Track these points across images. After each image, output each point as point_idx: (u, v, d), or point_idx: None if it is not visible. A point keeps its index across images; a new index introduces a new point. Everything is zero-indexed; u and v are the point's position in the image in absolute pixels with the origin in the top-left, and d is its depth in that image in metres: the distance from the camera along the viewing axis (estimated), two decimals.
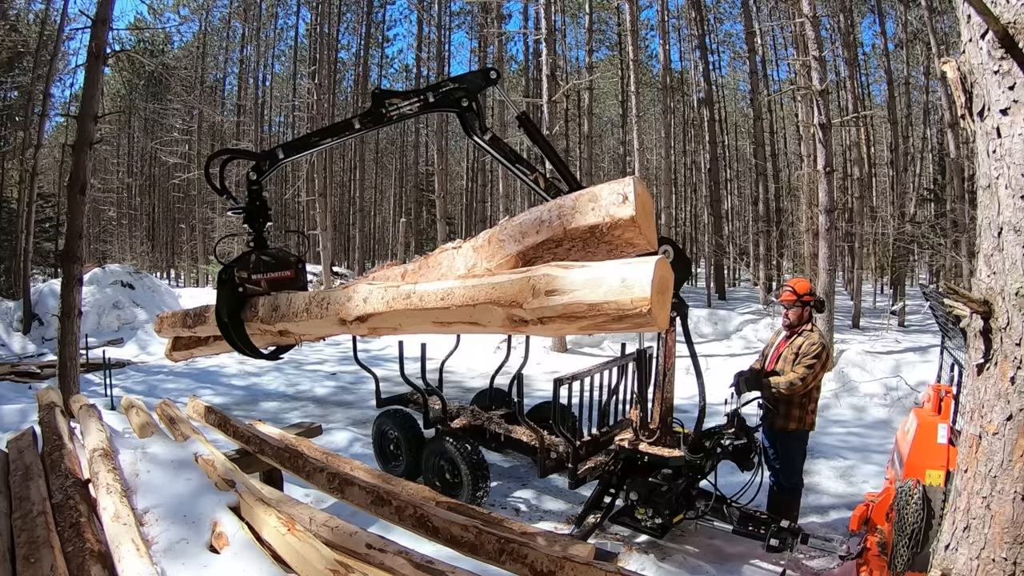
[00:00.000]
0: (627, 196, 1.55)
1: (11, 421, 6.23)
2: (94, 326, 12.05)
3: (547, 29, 11.41)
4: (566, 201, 1.69)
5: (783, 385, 3.81)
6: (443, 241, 17.27)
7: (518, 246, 1.76)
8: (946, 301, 2.05)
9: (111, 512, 2.31)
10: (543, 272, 1.47)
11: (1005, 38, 1.67)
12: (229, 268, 2.80)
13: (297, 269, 3.02)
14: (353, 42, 27.40)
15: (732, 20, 23.28)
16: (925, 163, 19.41)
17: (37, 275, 17.29)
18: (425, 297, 1.73)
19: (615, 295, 1.35)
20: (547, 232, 1.69)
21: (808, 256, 13.35)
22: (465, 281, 1.65)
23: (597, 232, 1.60)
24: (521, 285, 1.49)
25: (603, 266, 1.41)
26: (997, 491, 1.73)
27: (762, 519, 3.72)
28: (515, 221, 1.80)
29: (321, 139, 3.10)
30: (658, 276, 1.33)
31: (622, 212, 1.55)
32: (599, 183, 1.76)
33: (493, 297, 1.55)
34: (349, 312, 2.02)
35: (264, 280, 2.88)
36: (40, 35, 15.35)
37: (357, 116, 3.08)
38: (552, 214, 1.69)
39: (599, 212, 1.59)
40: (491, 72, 3.15)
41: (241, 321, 2.80)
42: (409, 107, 3.08)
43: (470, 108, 3.10)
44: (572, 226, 1.64)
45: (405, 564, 2.28)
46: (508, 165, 3.34)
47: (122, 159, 31.56)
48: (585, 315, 1.40)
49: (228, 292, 2.79)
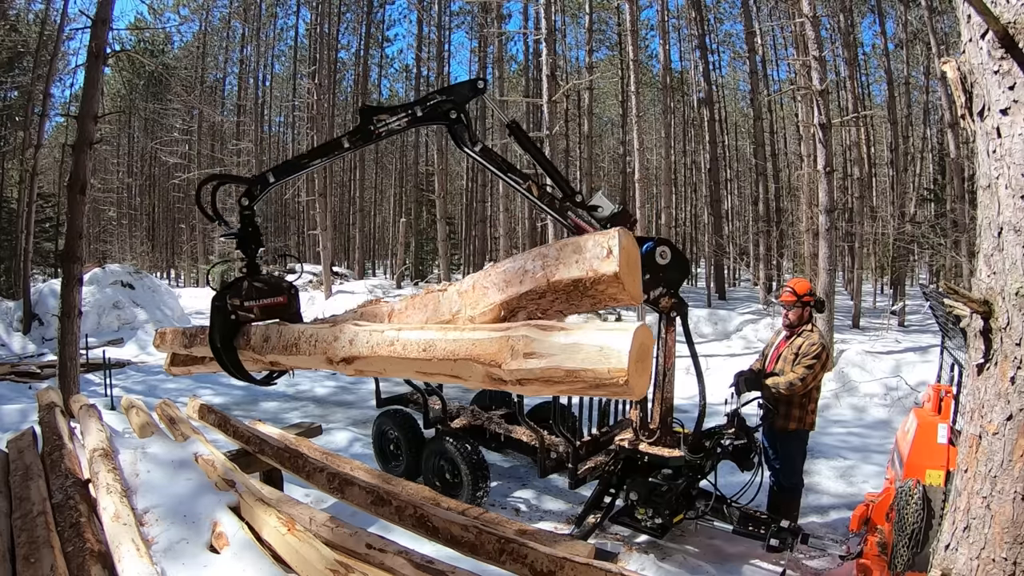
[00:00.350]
0: (611, 250, 1.50)
1: (11, 421, 6.23)
2: (94, 326, 12.05)
3: (547, 29, 11.41)
4: (550, 251, 1.65)
5: (783, 385, 3.81)
6: (443, 241, 17.31)
7: (501, 295, 1.73)
8: (946, 301, 2.05)
9: (111, 512, 2.31)
10: (522, 333, 1.45)
11: (1005, 38, 1.67)
12: (222, 295, 2.82)
13: (290, 295, 3.03)
14: (353, 42, 27.41)
15: (732, 20, 23.30)
16: (925, 163, 19.41)
17: (37, 275, 17.29)
18: (408, 346, 1.72)
19: (593, 363, 1.32)
20: (530, 283, 1.66)
21: (808, 256, 13.35)
22: (447, 333, 1.64)
23: (580, 286, 1.56)
24: (500, 344, 1.48)
25: (583, 331, 1.38)
26: (997, 491, 1.73)
27: (762, 519, 3.72)
28: (499, 268, 1.77)
29: (311, 160, 3.11)
30: (637, 345, 1.31)
31: (605, 267, 1.50)
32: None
33: (473, 354, 1.54)
34: (335, 352, 2.02)
35: (257, 307, 2.89)
36: (40, 35, 15.35)
37: (346, 135, 3.08)
38: (535, 264, 1.65)
39: (582, 265, 1.54)
40: (479, 82, 3.13)
41: (234, 348, 2.83)
42: (397, 122, 3.08)
43: (459, 120, 3.10)
44: (555, 278, 1.60)
45: (405, 564, 2.28)
46: (500, 175, 3.35)
47: (122, 159, 31.56)
48: (563, 380, 1.39)
49: (221, 319, 2.81)
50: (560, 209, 3.43)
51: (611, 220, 3.49)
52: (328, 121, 20.98)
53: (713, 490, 3.87)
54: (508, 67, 25.47)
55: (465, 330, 1.62)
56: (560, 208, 3.43)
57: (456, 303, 1.87)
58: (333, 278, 18.83)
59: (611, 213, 3.49)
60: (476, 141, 3.19)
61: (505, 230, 19.02)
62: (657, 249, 3.50)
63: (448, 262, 17.83)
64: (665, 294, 3.56)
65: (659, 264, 3.51)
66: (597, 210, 3.49)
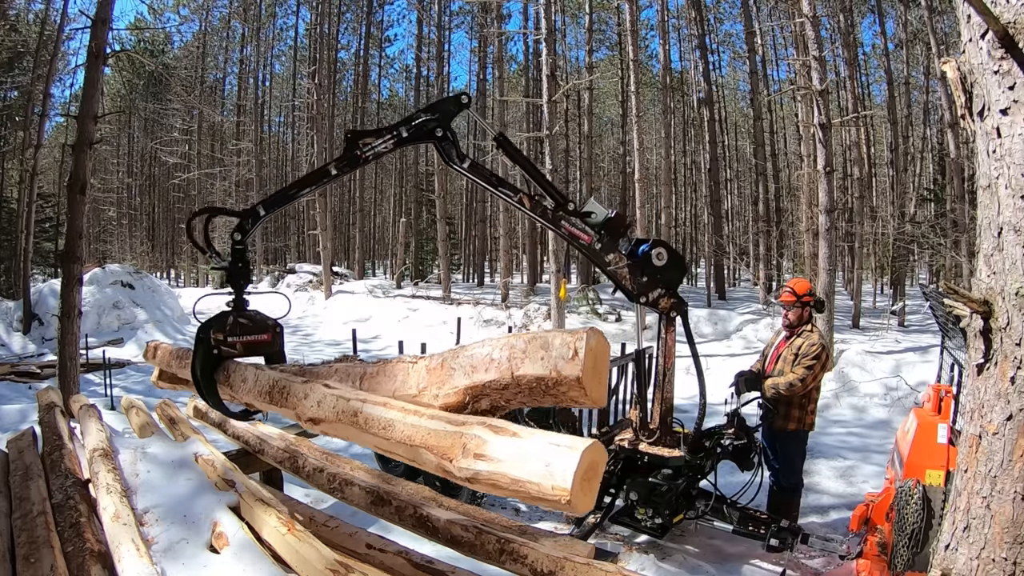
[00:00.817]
0: (577, 351, 1.46)
1: (11, 421, 6.23)
2: (94, 326, 12.05)
3: (547, 29, 11.40)
4: (518, 343, 1.63)
5: (783, 386, 3.81)
6: (443, 241, 17.31)
7: (467, 380, 1.72)
8: (946, 301, 2.05)
9: (111, 512, 2.31)
10: (475, 432, 1.46)
11: (1005, 38, 1.66)
12: (207, 327, 2.82)
13: (274, 333, 3.03)
14: (353, 42, 27.43)
15: (732, 20, 23.32)
16: (925, 163, 19.41)
17: (37, 275, 17.28)
18: (370, 421, 1.74)
19: (537, 477, 1.32)
20: (495, 372, 1.64)
21: (808, 256, 13.35)
22: (406, 416, 1.66)
23: (543, 384, 1.54)
24: (453, 440, 1.49)
25: (534, 441, 1.37)
26: (997, 491, 1.73)
27: (762, 519, 3.72)
28: (468, 352, 1.76)
29: (299, 190, 3.11)
30: (585, 464, 1.29)
31: (569, 370, 1.47)
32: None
33: (427, 443, 1.55)
34: (303, 411, 2.03)
35: (240, 343, 2.89)
36: (40, 35, 15.35)
37: (333, 162, 3.08)
38: (503, 354, 1.63)
39: (547, 363, 1.52)
40: (463, 97, 3.15)
41: (214, 381, 2.83)
42: (383, 145, 3.09)
43: (445, 137, 3.12)
44: (519, 373, 1.58)
45: (405, 564, 2.28)
46: (491, 189, 3.36)
47: (122, 159, 31.56)
48: (508, 487, 1.39)
49: (204, 351, 2.80)
50: (553, 219, 3.45)
51: (605, 225, 3.50)
52: (328, 121, 20.99)
53: (713, 490, 3.87)
54: (508, 67, 25.49)
55: (424, 416, 1.63)
56: (553, 218, 3.45)
57: (424, 379, 1.87)
58: (333, 278, 18.83)
59: (604, 218, 3.50)
60: (464, 157, 3.21)
61: (505, 230, 19.04)
62: (653, 251, 3.52)
63: (448, 262, 17.83)
64: (664, 295, 3.56)
65: (656, 266, 3.51)
66: (590, 216, 3.50)
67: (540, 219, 3.49)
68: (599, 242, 3.51)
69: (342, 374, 2.29)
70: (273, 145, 32.15)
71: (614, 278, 3.58)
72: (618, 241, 3.55)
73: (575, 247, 3.69)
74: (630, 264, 3.53)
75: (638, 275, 3.53)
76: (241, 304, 2.96)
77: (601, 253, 3.53)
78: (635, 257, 3.53)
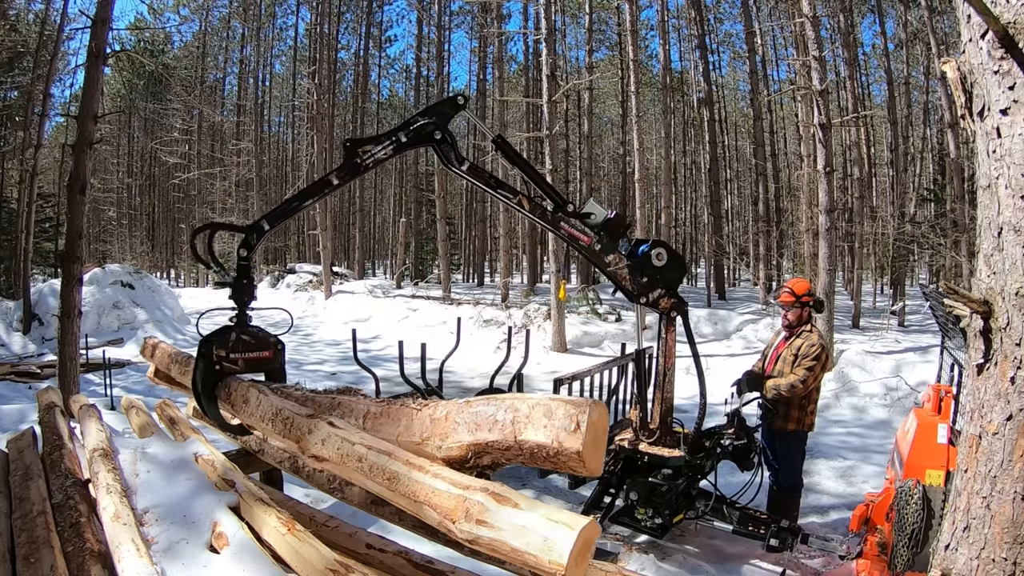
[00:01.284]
0: (579, 425, 1.51)
1: (11, 421, 6.22)
2: (94, 326, 12.04)
3: (547, 29, 11.40)
4: (522, 407, 1.66)
5: (784, 387, 3.81)
6: (443, 241, 17.30)
7: (470, 437, 1.75)
8: (946, 301, 2.05)
9: (111, 512, 2.31)
10: (478, 499, 1.51)
11: (1005, 38, 1.66)
12: (209, 342, 2.85)
13: (276, 350, 3.06)
14: (353, 42, 27.43)
15: (732, 20, 23.33)
16: (925, 163, 19.41)
17: (37, 275, 17.27)
18: (375, 470, 1.77)
19: (535, 549, 1.38)
20: (498, 434, 1.68)
21: (808, 256, 13.35)
22: (411, 471, 1.70)
23: (544, 451, 1.58)
24: (457, 502, 1.55)
25: (534, 514, 1.43)
26: (997, 491, 1.73)
27: (762, 519, 3.72)
28: (472, 409, 1.79)
29: (302, 202, 3.16)
30: (581, 541, 1.35)
31: (570, 443, 1.52)
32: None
33: (431, 502, 1.61)
34: (307, 446, 2.07)
35: (242, 359, 2.93)
36: (40, 35, 15.33)
37: (334, 171, 3.13)
38: (507, 417, 1.67)
39: (549, 432, 1.56)
40: (459, 98, 3.19)
41: (214, 397, 2.86)
42: (383, 151, 3.13)
43: (444, 140, 3.15)
44: (521, 437, 1.62)
45: (405, 564, 2.28)
46: (490, 191, 3.39)
47: (122, 159, 31.56)
48: (507, 556, 1.45)
49: (205, 366, 2.84)
50: (553, 221, 3.46)
51: (604, 226, 3.51)
52: (328, 121, 20.98)
53: (713, 490, 3.87)
54: (508, 67, 25.48)
55: (428, 474, 1.68)
56: (553, 220, 3.46)
57: (427, 429, 1.90)
58: (333, 278, 18.83)
59: (604, 219, 3.51)
60: (463, 159, 3.25)
61: (505, 230, 19.03)
62: (653, 251, 3.52)
63: (448, 262, 17.83)
64: (664, 295, 3.56)
65: (656, 266, 3.52)
66: (590, 217, 3.51)
67: (539, 221, 3.50)
68: (599, 243, 3.51)
69: (345, 409, 2.30)
70: (273, 145, 32.15)
71: (614, 279, 3.58)
72: (618, 242, 3.55)
73: (575, 248, 3.69)
74: (630, 265, 3.53)
75: (638, 275, 3.53)
76: (244, 320, 2.99)
77: (601, 254, 3.53)
78: (635, 258, 3.53)
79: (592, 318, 12.38)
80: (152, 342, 4.10)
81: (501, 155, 3.47)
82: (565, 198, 3.50)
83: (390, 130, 3.19)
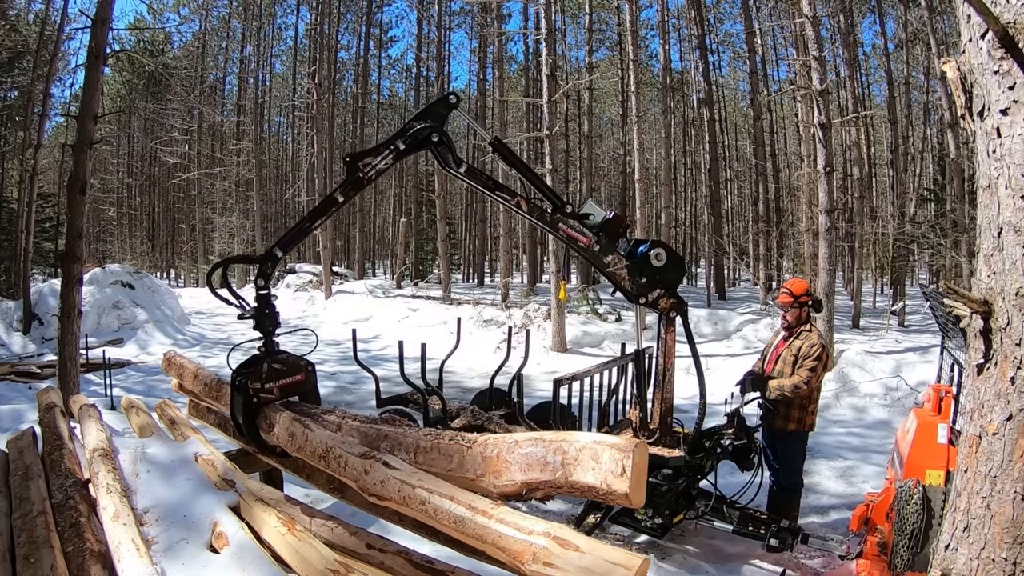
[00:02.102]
0: (625, 469, 1.67)
1: (11, 421, 6.22)
2: (94, 326, 12.04)
3: (547, 29, 11.40)
4: (569, 449, 1.82)
5: (788, 388, 3.81)
6: (443, 241, 17.30)
7: (523, 476, 1.93)
8: (946, 301, 2.04)
9: (111, 512, 2.31)
10: (542, 543, 1.64)
11: (1005, 38, 1.66)
12: (244, 377, 2.97)
13: (307, 372, 3.20)
14: (353, 42, 27.42)
15: (732, 20, 23.32)
16: (925, 163, 19.41)
17: (37, 275, 17.27)
18: (439, 513, 1.91)
19: None
20: (550, 474, 1.86)
21: (808, 256, 13.35)
22: (475, 516, 1.84)
23: (593, 491, 1.76)
24: (523, 547, 1.68)
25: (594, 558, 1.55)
26: (997, 491, 1.73)
27: (762, 519, 3.72)
28: (523, 450, 1.94)
29: (312, 223, 3.24)
30: None
31: (618, 485, 1.69)
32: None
33: (499, 545, 1.75)
34: (366, 485, 2.17)
35: (276, 387, 3.06)
36: (40, 35, 15.33)
37: (338, 189, 3.19)
38: (556, 459, 1.84)
39: (598, 474, 1.73)
40: (451, 97, 3.24)
41: (256, 427, 3.00)
42: (383, 161, 3.19)
43: (441, 142, 3.21)
44: (573, 479, 1.80)
45: (405, 564, 2.28)
46: (488, 193, 3.42)
47: (122, 159, 31.56)
48: None
49: (243, 400, 2.96)
50: (551, 222, 3.47)
51: (603, 227, 3.51)
52: (328, 121, 20.97)
53: (713, 490, 3.87)
54: (508, 67, 25.48)
55: (492, 519, 1.81)
56: (551, 221, 3.47)
57: (480, 467, 2.07)
58: (333, 278, 18.82)
59: (603, 220, 3.51)
60: (460, 162, 3.29)
61: (505, 230, 19.04)
62: (652, 252, 3.52)
63: (448, 262, 17.83)
64: (663, 295, 3.56)
65: (655, 266, 3.51)
66: (588, 218, 3.51)
67: (538, 222, 3.50)
68: (597, 244, 3.51)
69: (393, 442, 2.39)
70: (273, 145, 32.15)
71: (613, 279, 3.58)
72: (616, 242, 3.55)
73: (573, 249, 3.69)
74: (629, 265, 3.53)
75: (637, 276, 3.53)
76: (272, 349, 3.10)
77: (600, 255, 3.53)
78: (634, 258, 3.53)
79: (592, 318, 12.38)
80: (178, 360, 4.17)
81: (498, 157, 3.48)
82: (563, 199, 3.50)
83: (388, 139, 3.24)
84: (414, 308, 14.70)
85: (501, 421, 4.90)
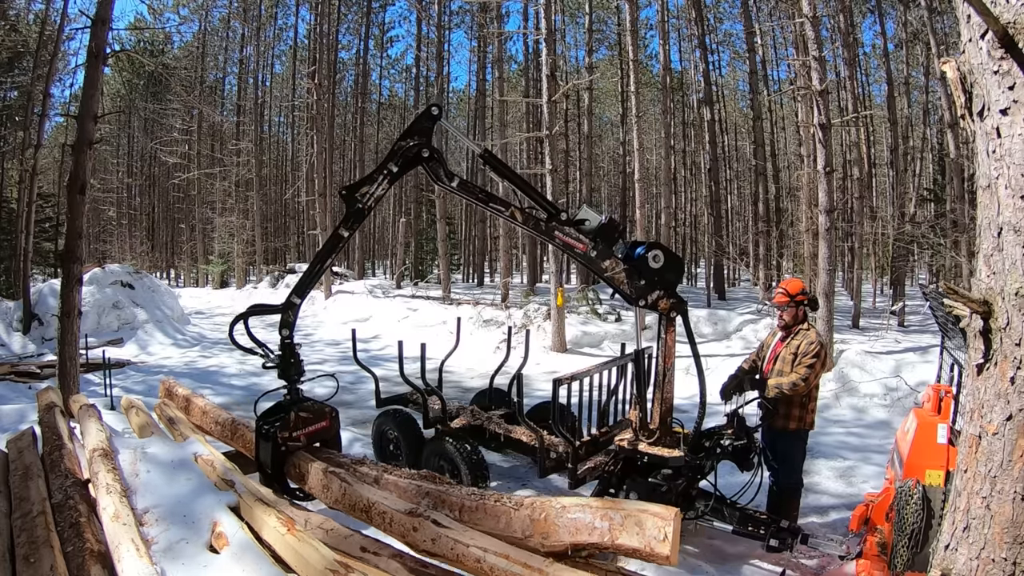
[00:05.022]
0: (667, 536, 1.87)
1: (11, 421, 6.22)
2: (94, 326, 12.04)
3: (547, 29, 11.40)
4: (615, 516, 2.01)
5: (786, 386, 3.81)
6: (443, 241, 17.28)
7: (571, 538, 2.08)
8: (946, 301, 2.04)
9: (111, 512, 2.31)
10: None
11: (1005, 38, 1.66)
12: (271, 426, 3.09)
13: (332, 418, 3.34)
14: (353, 42, 27.42)
15: (732, 20, 23.31)
16: (925, 163, 19.41)
17: (37, 275, 17.27)
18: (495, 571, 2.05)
19: None
20: (596, 538, 2.04)
21: (808, 256, 13.34)
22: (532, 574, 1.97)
23: (637, 553, 1.95)
24: None
25: None
26: (997, 491, 1.73)
27: (762, 519, 3.72)
28: (571, 516, 2.10)
29: (323, 263, 3.40)
30: None
31: (660, 549, 1.88)
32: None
33: None
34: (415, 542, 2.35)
35: (303, 435, 3.18)
36: (40, 35, 15.32)
37: (341, 224, 3.32)
38: (603, 524, 2.03)
39: (642, 539, 1.93)
40: (433, 109, 3.33)
41: (283, 473, 3.12)
42: (380, 188, 3.29)
43: (432, 157, 3.28)
44: (619, 542, 1.98)
45: (399, 569, 2.28)
46: (482, 206, 3.46)
47: (122, 159, 31.56)
48: None
49: (272, 448, 3.07)
50: (547, 231, 3.47)
51: (599, 232, 3.50)
52: (328, 121, 20.97)
53: (713, 490, 3.87)
54: (508, 67, 25.47)
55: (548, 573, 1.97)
56: (547, 229, 3.47)
57: (528, 528, 2.19)
58: (333, 278, 18.82)
59: (599, 224, 3.50)
60: (452, 176, 3.34)
61: (505, 230, 19.02)
62: (649, 254, 3.51)
63: (448, 262, 17.82)
64: (663, 296, 3.56)
65: (653, 268, 3.51)
66: (584, 224, 3.51)
67: (534, 232, 3.51)
68: (594, 249, 3.51)
69: (435, 500, 2.49)
70: (273, 145, 32.13)
71: (612, 283, 3.58)
72: (613, 246, 3.54)
73: (571, 256, 3.69)
74: (627, 268, 3.53)
75: (636, 278, 3.53)
76: (298, 398, 3.22)
77: (597, 260, 3.52)
78: (632, 260, 3.53)
79: (592, 318, 12.38)
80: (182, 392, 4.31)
81: (490, 169, 3.50)
82: (558, 207, 3.53)
83: (379, 164, 3.33)
84: (414, 308, 14.70)
85: (501, 421, 4.90)
